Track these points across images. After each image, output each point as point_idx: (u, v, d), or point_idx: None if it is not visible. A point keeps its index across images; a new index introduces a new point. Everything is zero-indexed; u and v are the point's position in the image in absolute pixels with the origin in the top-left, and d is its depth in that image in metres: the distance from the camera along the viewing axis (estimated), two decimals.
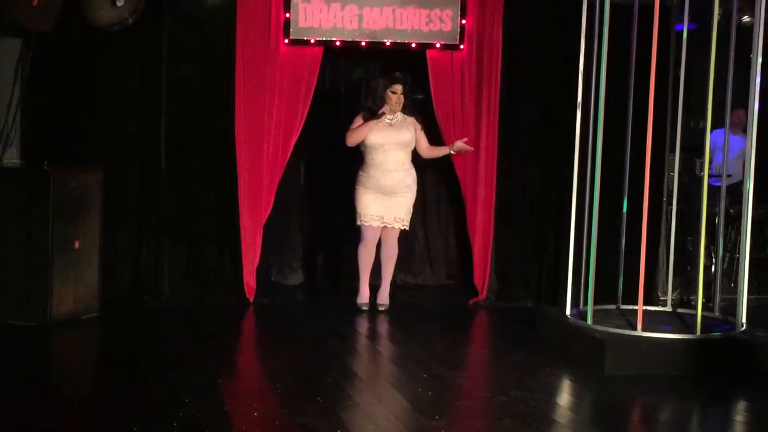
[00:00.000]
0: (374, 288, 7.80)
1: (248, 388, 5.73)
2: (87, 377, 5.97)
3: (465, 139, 7.65)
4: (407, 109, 7.64)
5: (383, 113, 7.49)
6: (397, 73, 7.57)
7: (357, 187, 7.62)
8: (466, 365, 6.59)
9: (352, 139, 7.54)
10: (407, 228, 7.74)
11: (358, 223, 7.65)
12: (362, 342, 7.06)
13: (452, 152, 7.70)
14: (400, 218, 7.64)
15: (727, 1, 6.50)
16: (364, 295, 7.77)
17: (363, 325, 7.38)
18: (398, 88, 7.55)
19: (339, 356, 6.39)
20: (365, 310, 7.69)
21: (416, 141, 7.64)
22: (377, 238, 7.69)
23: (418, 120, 7.68)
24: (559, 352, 6.52)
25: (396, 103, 7.55)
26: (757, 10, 6.32)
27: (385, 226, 7.64)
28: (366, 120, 7.53)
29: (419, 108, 7.80)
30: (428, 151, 7.73)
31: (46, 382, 5.68)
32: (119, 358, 6.28)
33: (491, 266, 8.13)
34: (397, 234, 7.72)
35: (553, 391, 5.79)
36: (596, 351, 6.13)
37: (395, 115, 7.59)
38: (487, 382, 6.00)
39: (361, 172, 7.62)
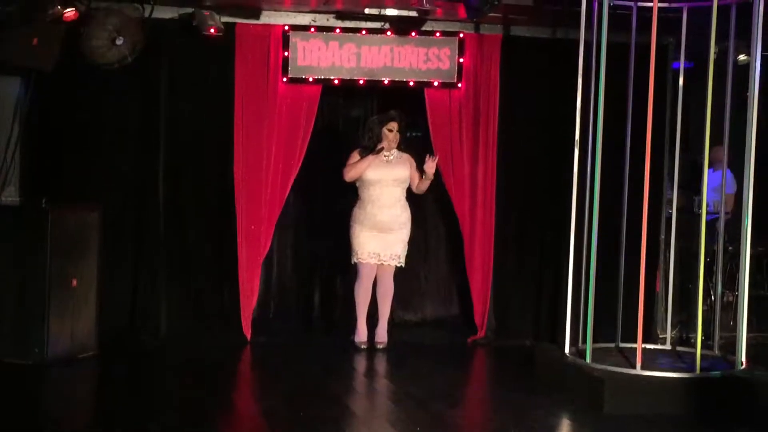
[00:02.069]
0: (371, 325, 7.78)
1: (246, 427, 5.70)
2: (84, 416, 5.93)
3: (428, 158, 7.58)
4: (402, 146, 7.69)
5: (382, 147, 7.54)
6: (392, 112, 7.64)
7: (352, 224, 7.64)
8: (464, 404, 6.56)
9: (351, 174, 7.57)
10: (403, 265, 7.74)
11: (354, 260, 7.65)
12: (360, 380, 7.02)
13: (429, 177, 7.65)
14: (396, 255, 7.65)
15: (723, 39, 6.53)
16: (361, 333, 7.74)
17: (361, 363, 7.35)
18: (394, 125, 7.61)
19: (337, 395, 6.35)
20: (363, 348, 7.66)
21: (410, 178, 7.67)
22: (374, 276, 7.68)
23: (413, 157, 7.72)
24: (558, 390, 6.48)
25: (392, 140, 7.60)
26: (753, 48, 6.35)
27: (381, 264, 7.64)
28: (362, 156, 7.57)
29: (414, 146, 7.84)
30: (417, 187, 7.75)
31: (43, 421, 5.63)
32: (116, 397, 6.24)
33: (490, 304, 8.10)
34: (392, 271, 7.71)
35: (552, 430, 5.75)
36: (595, 389, 6.10)
37: (392, 152, 7.64)
38: (486, 421, 5.96)
39: (356, 209, 7.65)
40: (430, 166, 7.58)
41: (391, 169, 7.62)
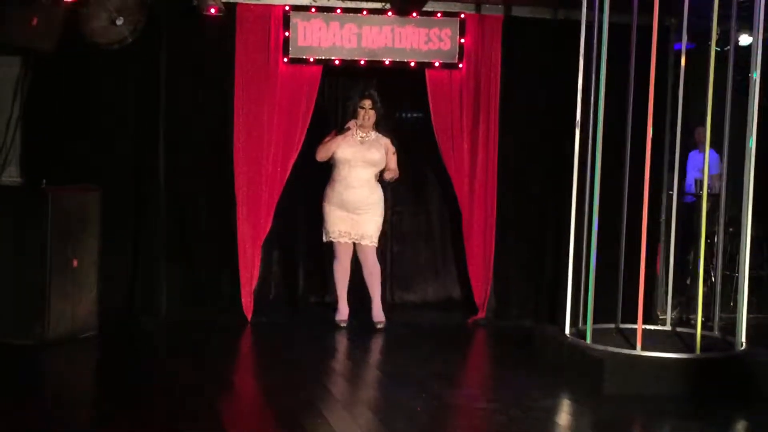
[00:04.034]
0: (366, 308, 7.78)
1: (246, 408, 5.70)
2: (84, 397, 5.94)
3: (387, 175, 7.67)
4: (381, 128, 7.66)
5: (348, 127, 7.53)
6: (368, 90, 7.63)
7: (323, 203, 7.64)
8: (464, 384, 6.57)
9: (320, 154, 7.58)
10: (376, 245, 7.71)
11: (325, 239, 7.67)
12: (360, 361, 7.03)
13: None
14: (368, 235, 7.62)
15: (725, 20, 6.50)
16: (342, 312, 7.75)
17: (361, 344, 7.35)
18: (366, 103, 7.59)
19: (337, 376, 6.36)
20: (343, 326, 7.67)
21: (385, 162, 7.64)
22: (349, 254, 7.68)
23: (392, 142, 7.69)
24: (558, 371, 6.50)
25: (363, 117, 7.56)
26: (755, 29, 6.33)
27: (359, 244, 7.63)
28: (337, 135, 7.56)
29: (415, 126, 7.82)
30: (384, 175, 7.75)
31: (43, 401, 5.65)
32: (116, 377, 6.25)
33: (491, 285, 8.11)
34: (372, 251, 7.68)
35: (552, 411, 5.76)
36: (595, 370, 6.11)
37: (369, 133, 7.61)
38: (486, 402, 5.96)
39: (327, 188, 7.64)
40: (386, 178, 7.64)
41: (365, 150, 7.56)
